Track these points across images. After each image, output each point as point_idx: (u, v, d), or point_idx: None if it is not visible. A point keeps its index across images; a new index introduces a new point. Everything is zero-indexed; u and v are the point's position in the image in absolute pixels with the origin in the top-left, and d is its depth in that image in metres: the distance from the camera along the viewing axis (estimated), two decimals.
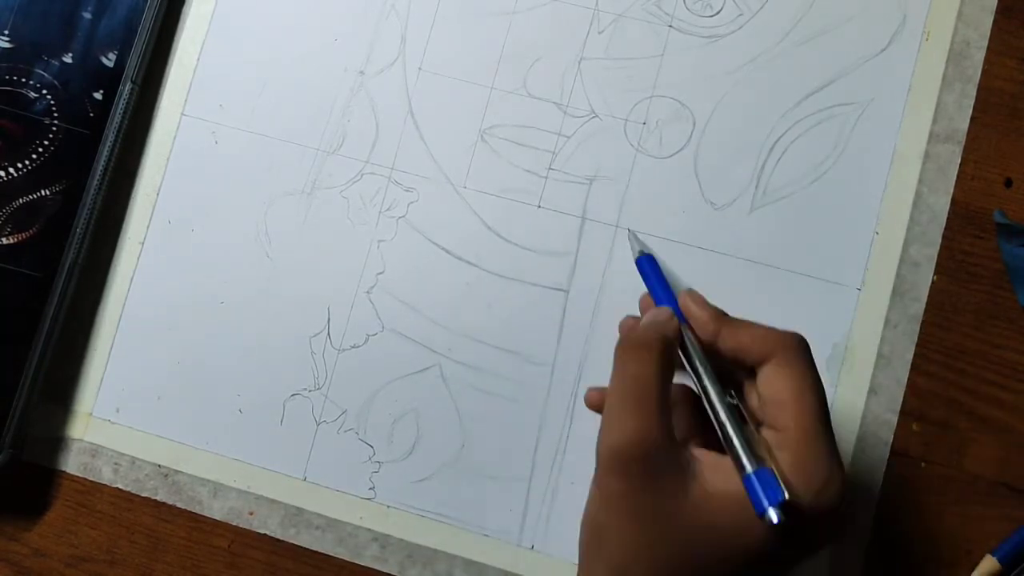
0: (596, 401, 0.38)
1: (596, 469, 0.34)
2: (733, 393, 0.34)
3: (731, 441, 0.32)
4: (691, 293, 0.38)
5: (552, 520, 0.43)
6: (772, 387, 0.34)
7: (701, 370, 0.35)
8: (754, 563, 0.32)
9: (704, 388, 0.34)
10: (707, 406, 0.34)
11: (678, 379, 0.36)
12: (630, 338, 0.36)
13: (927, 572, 0.42)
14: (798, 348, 0.34)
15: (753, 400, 0.35)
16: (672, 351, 0.36)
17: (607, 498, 0.33)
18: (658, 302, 0.39)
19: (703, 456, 0.34)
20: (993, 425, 0.42)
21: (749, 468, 0.31)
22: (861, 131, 0.44)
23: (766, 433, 0.33)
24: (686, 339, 0.36)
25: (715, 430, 0.34)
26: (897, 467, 0.42)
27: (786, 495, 0.30)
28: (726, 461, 0.33)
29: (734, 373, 0.36)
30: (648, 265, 0.41)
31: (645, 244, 0.43)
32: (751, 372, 0.35)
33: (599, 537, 0.34)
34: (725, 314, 0.37)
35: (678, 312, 0.37)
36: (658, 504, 0.32)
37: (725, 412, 0.33)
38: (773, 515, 0.30)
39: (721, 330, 0.36)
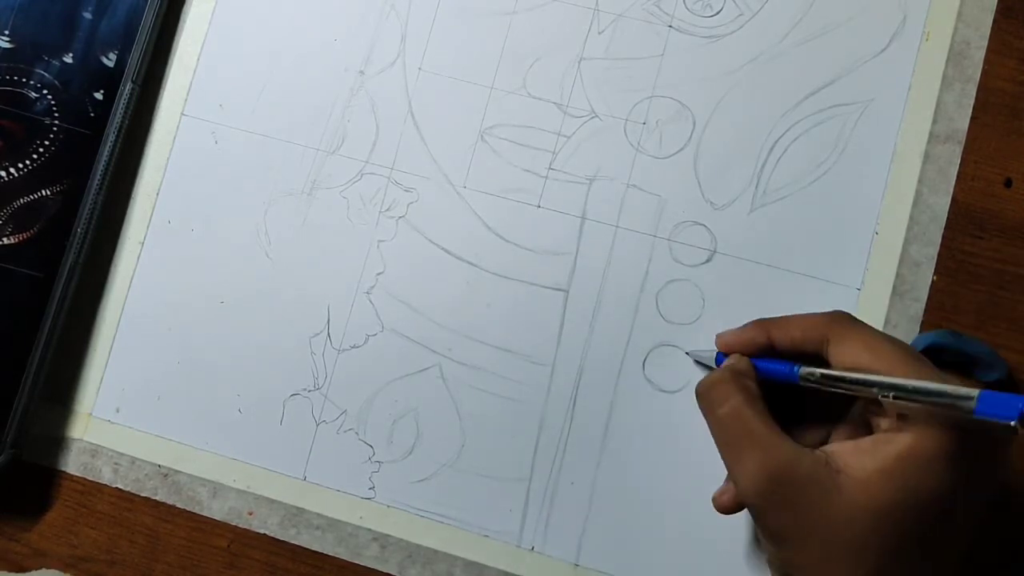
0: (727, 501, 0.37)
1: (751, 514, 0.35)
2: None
3: (929, 391, 0.31)
4: (721, 335, 0.39)
5: (552, 521, 0.43)
6: (846, 361, 0.34)
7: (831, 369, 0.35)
8: (937, 518, 0.31)
9: (848, 380, 0.34)
10: (866, 395, 0.33)
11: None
12: (704, 383, 0.37)
13: None
14: (846, 320, 0.35)
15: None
16: (748, 380, 0.36)
17: (772, 536, 0.33)
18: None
19: (837, 448, 0.33)
20: None
21: (974, 392, 0.29)
22: (861, 131, 0.44)
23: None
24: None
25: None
26: None
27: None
28: (864, 442, 0.32)
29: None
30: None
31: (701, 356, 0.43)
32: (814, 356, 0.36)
33: (780, 561, 0.34)
34: (759, 321, 0.37)
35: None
36: (817, 517, 0.32)
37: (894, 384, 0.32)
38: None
39: (770, 333, 0.36)
